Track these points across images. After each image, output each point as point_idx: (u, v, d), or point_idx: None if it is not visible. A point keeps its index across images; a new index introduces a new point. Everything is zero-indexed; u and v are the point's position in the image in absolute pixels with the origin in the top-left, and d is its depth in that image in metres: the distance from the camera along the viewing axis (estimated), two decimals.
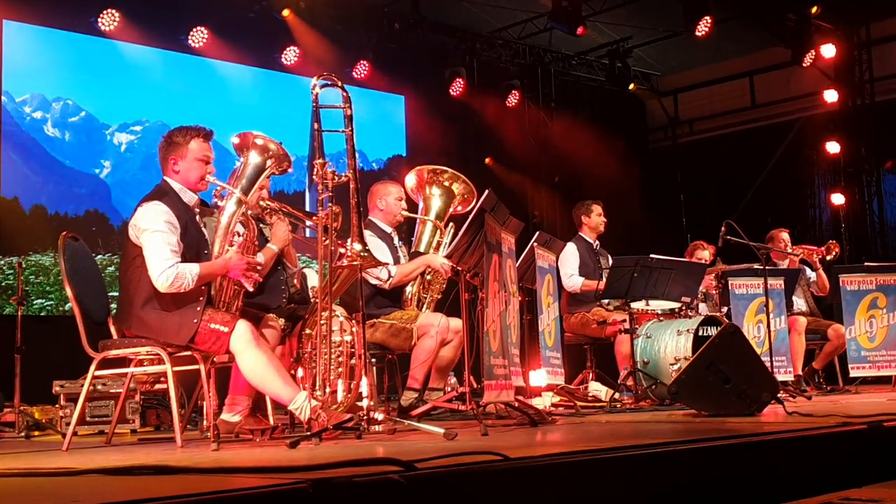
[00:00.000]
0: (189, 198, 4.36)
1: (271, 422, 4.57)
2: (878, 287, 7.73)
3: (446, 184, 6.08)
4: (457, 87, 10.86)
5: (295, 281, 5.34)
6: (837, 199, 11.80)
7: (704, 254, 7.98)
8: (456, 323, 5.54)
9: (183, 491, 2.16)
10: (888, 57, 11.90)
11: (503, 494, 2.56)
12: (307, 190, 9.98)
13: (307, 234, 5.45)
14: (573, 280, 7.21)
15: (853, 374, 7.71)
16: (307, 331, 4.63)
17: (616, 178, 11.58)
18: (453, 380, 6.72)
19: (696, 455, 3.09)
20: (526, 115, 12.15)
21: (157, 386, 5.84)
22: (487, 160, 11.78)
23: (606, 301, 6.96)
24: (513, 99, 11.54)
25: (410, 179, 6.11)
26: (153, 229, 4.14)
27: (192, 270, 4.13)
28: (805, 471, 3.30)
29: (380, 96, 10.92)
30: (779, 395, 4.82)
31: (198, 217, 4.39)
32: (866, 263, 8.17)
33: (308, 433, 3.82)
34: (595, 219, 7.51)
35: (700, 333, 6.34)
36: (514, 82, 11.60)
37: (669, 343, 6.37)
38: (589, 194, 8.28)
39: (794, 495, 2.58)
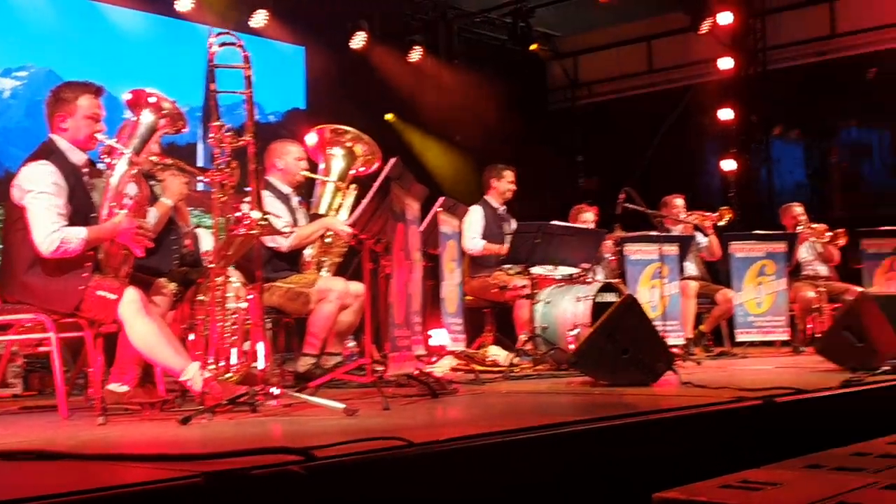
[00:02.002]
0: (77, 157, 4.13)
1: (161, 393, 4.40)
2: (767, 255, 7.94)
3: (349, 144, 5.93)
4: (359, 41, 10.65)
5: (187, 241, 5.15)
6: (728, 165, 12.06)
7: (588, 216, 8.00)
8: (356, 287, 5.44)
9: (64, 488, 2.03)
10: (781, 26, 12.15)
11: (407, 482, 2.51)
12: (200, 142, 9.65)
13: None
14: (475, 243, 7.18)
15: (739, 338, 7.93)
16: (200, 297, 4.46)
17: (516, 138, 11.57)
18: (351, 343, 6.64)
19: (597, 434, 3.09)
20: (428, 72, 11.99)
21: (41, 348, 5.58)
22: (388, 116, 11.62)
23: (508, 266, 6.96)
24: (415, 54, 11.39)
25: (311, 139, 5.94)
26: (38, 191, 3.91)
27: (79, 234, 3.92)
28: (703, 449, 3.35)
29: (279, 47, 10.62)
30: (673, 365, 4.89)
31: (86, 178, 4.16)
32: (755, 231, 8.38)
33: (200, 408, 3.68)
34: (505, 184, 7.46)
35: (598, 300, 6.39)
36: (417, 37, 11.44)
37: (568, 309, 6.41)
38: (488, 153, 8.24)
39: (692, 476, 2.58)
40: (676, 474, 2.74)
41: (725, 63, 11.88)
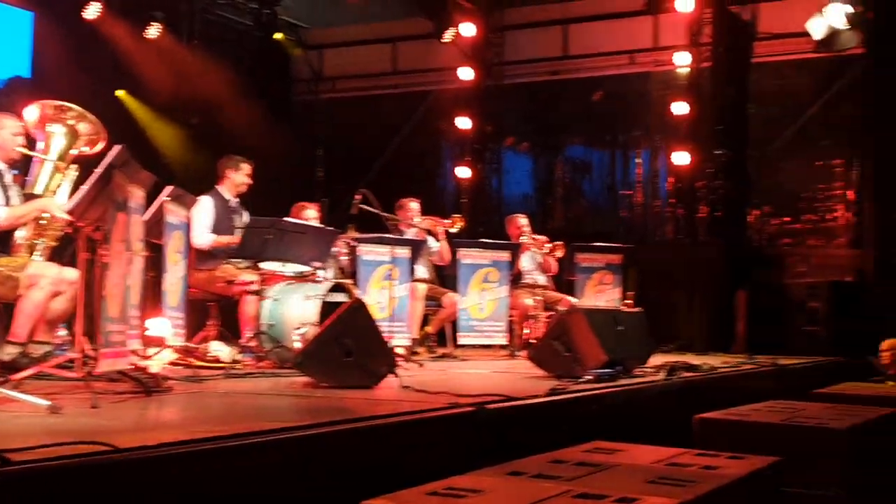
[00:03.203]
0: None
1: None
2: (492, 263, 8.29)
3: (71, 122, 5.56)
4: (93, 11, 10.08)
5: None
6: (462, 172, 12.48)
7: (310, 213, 7.91)
8: (71, 273, 5.12)
9: None
10: (519, 43, 12.73)
11: (112, 491, 2.39)
12: None
13: None
14: (204, 237, 6.96)
15: (462, 341, 8.23)
16: None
17: (255, 127, 11.39)
18: (63, 332, 6.26)
19: (313, 441, 3.09)
20: (167, 51, 11.53)
21: None
22: (120, 93, 11.07)
23: (236, 260, 6.81)
24: (154, 31, 10.93)
25: (31, 114, 5.52)
26: None
27: None
28: (419, 455, 3.44)
29: (5, 9, 9.83)
30: (395, 369, 4.99)
31: None
32: (482, 240, 8.72)
33: None
34: (241, 177, 7.24)
35: (328, 300, 6.39)
36: (157, 14, 10.99)
37: (296, 307, 6.36)
38: (226, 140, 8.03)
39: (408, 482, 2.64)
40: (391, 480, 2.79)
41: (465, 73, 12.29)
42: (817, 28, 9.98)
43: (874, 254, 10.26)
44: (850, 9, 9.68)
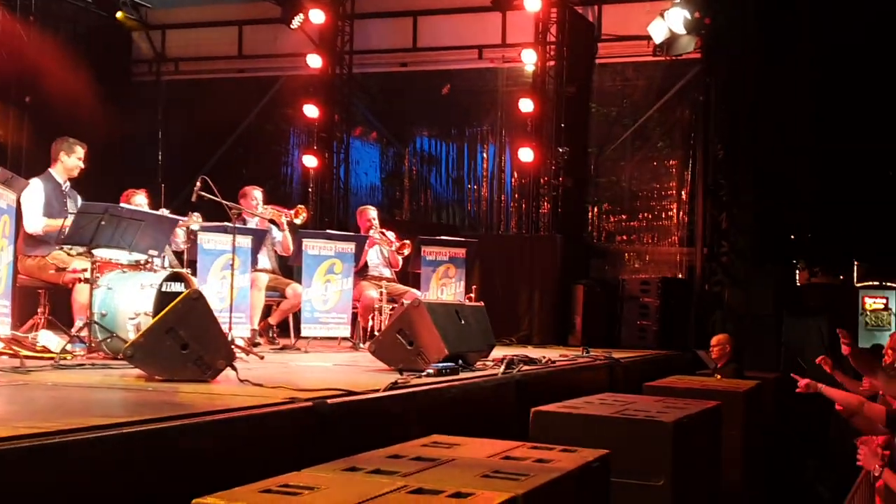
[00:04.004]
0: None
1: None
2: (337, 254, 8.23)
3: None
4: None
5: None
6: (310, 161, 12.35)
7: (139, 200, 7.65)
8: None
9: None
10: (369, 33, 12.69)
11: None
12: None
13: None
14: (36, 223, 6.64)
15: (305, 332, 8.13)
16: None
17: (93, 108, 10.92)
18: None
19: (144, 438, 3.00)
20: (0, 27, 10.93)
21: None
22: None
23: (69, 246, 6.51)
24: None
25: None
26: None
27: None
28: (256, 451, 3.37)
29: None
30: (233, 362, 4.89)
31: None
32: (328, 231, 8.65)
33: None
34: (74, 161, 6.93)
35: (164, 289, 6.20)
36: None
37: (131, 296, 6.15)
38: (61, 121, 7.67)
39: (243, 479, 2.58)
40: (226, 478, 2.72)
41: (314, 60, 12.16)
42: (657, 32, 10.37)
43: (703, 251, 10.77)
44: (688, 14, 10.09)
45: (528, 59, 11.34)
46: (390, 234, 8.87)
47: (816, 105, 12.07)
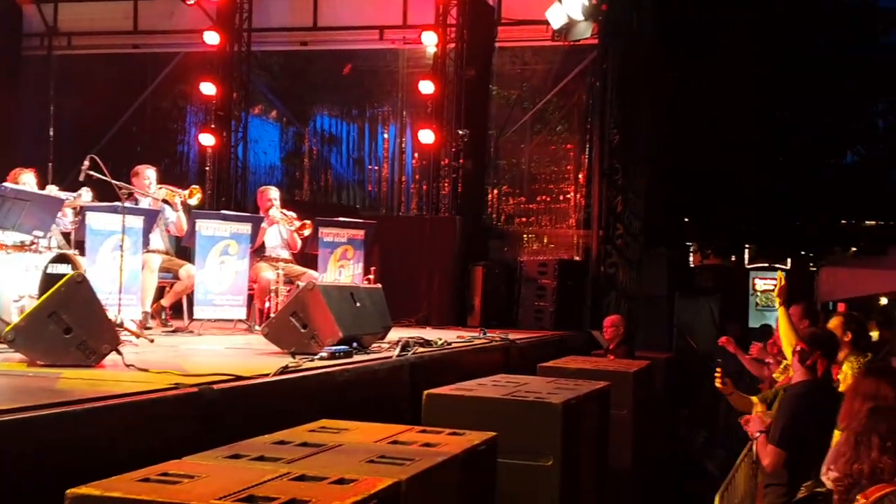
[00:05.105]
0: None
1: None
2: (232, 235, 8.08)
3: None
4: None
5: None
6: (206, 139, 12.10)
7: (27, 178, 7.35)
8: None
9: None
10: (268, 10, 12.48)
11: None
12: None
13: None
14: None
15: (198, 314, 7.97)
16: None
17: None
18: None
19: (19, 425, 2.90)
20: None
21: None
22: None
23: None
24: None
25: None
26: None
27: None
28: (135, 441, 3.30)
29: None
30: (118, 347, 4.77)
31: None
32: (223, 211, 8.48)
33: None
34: None
35: (50, 271, 6.01)
36: None
37: (15, 278, 5.94)
38: None
39: (124, 467, 2.52)
40: (105, 467, 2.66)
41: (211, 37, 11.89)
42: (556, 17, 10.47)
43: (599, 234, 10.95)
44: (585, 1, 10.21)
45: (429, 41, 11.32)
46: (291, 214, 8.76)
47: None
